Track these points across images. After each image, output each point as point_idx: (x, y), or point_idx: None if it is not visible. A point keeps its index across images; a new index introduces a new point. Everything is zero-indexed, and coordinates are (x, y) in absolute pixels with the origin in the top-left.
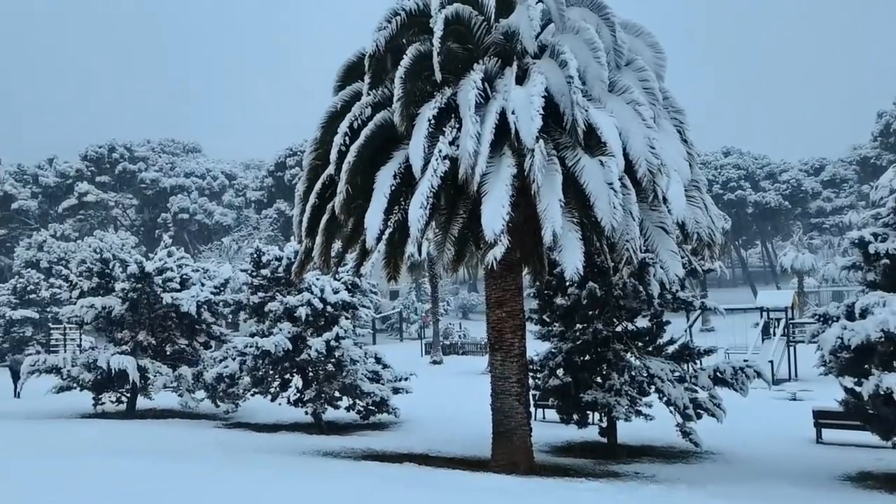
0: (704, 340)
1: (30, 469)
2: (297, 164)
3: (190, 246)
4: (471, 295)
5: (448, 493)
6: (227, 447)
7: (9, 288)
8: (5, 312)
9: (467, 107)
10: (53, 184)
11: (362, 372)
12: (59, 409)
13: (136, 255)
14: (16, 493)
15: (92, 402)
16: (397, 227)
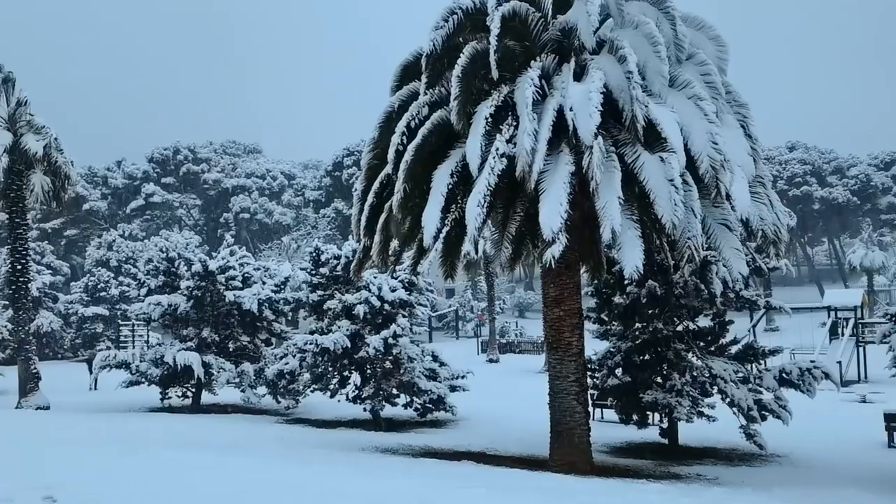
0: (769, 340)
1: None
2: (355, 163)
3: (251, 245)
4: (527, 293)
5: (507, 492)
6: (287, 442)
7: (81, 286)
8: (78, 310)
9: (524, 104)
10: (122, 185)
11: (419, 370)
12: (128, 402)
13: (200, 254)
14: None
15: (159, 397)
16: (454, 226)
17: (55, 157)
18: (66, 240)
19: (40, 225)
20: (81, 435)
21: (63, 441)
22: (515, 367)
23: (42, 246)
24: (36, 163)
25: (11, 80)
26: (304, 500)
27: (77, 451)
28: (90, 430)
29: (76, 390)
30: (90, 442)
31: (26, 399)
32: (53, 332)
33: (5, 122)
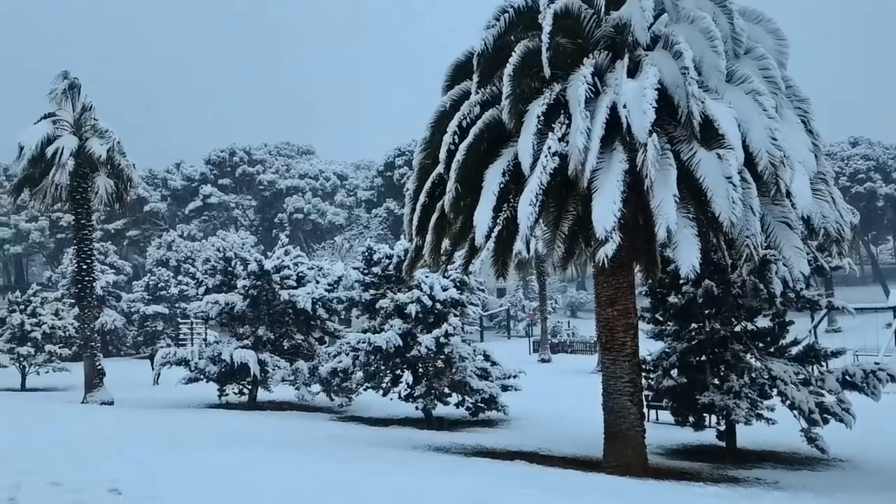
0: (831, 342)
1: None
2: (406, 163)
3: (304, 245)
4: (579, 293)
5: (561, 493)
6: (341, 440)
7: (142, 285)
8: (139, 308)
9: (577, 102)
10: (180, 187)
11: (471, 369)
12: (188, 398)
13: (256, 253)
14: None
15: (217, 394)
16: (506, 225)
17: (118, 160)
18: (129, 240)
19: (104, 226)
20: (144, 430)
21: (127, 435)
22: (568, 367)
23: (106, 246)
24: (100, 166)
25: (77, 87)
26: (359, 499)
27: (140, 446)
28: (152, 426)
29: (138, 386)
30: (152, 437)
31: (91, 394)
32: (117, 329)
33: (71, 127)
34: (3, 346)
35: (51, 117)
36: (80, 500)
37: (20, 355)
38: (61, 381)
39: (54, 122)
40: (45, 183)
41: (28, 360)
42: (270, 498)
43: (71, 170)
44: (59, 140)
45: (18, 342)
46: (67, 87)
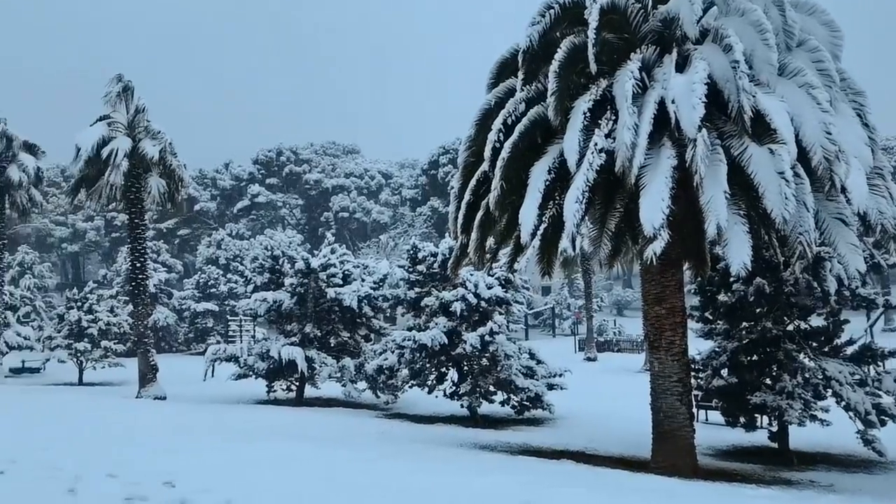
0: (888, 341)
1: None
2: (450, 162)
3: (350, 243)
4: (625, 291)
5: (609, 492)
6: (387, 436)
7: (193, 283)
8: (190, 305)
9: (624, 98)
10: (229, 186)
11: (516, 367)
12: (237, 394)
13: (303, 252)
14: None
15: (265, 389)
16: (551, 223)
17: (170, 161)
18: (179, 239)
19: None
20: (196, 424)
21: (180, 429)
22: (614, 365)
23: (158, 245)
24: (152, 166)
25: (130, 89)
26: (407, 496)
27: (193, 440)
28: (204, 420)
29: (189, 381)
30: (205, 431)
31: (145, 389)
32: (168, 326)
33: (125, 129)
34: (61, 341)
35: (105, 119)
36: (137, 493)
37: (77, 351)
38: (116, 376)
39: (109, 124)
40: (100, 183)
41: (85, 356)
42: (321, 492)
43: (125, 170)
44: (114, 141)
45: (76, 338)
46: (121, 89)
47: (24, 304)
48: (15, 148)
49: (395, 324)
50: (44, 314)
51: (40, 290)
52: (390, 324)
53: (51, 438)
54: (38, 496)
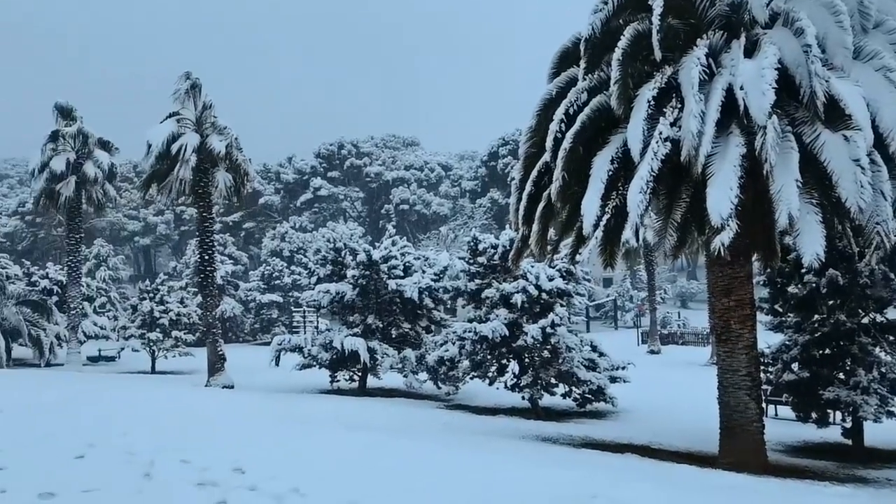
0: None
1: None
2: (510, 153)
3: (410, 235)
4: (690, 283)
5: (676, 488)
6: (450, 427)
7: (258, 275)
8: (256, 297)
9: (690, 85)
10: (292, 180)
11: (578, 359)
12: (302, 383)
13: (364, 244)
14: (271, 459)
15: (329, 379)
16: (614, 214)
17: (236, 156)
18: (245, 232)
19: (223, 218)
20: (264, 413)
21: (248, 418)
22: (678, 359)
23: (225, 238)
24: (219, 161)
25: (198, 86)
26: (472, 487)
27: (261, 428)
28: (271, 409)
29: (256, 371)
30: (271, 419)
31: (214, 378)
32: (235, 317)
33: (193, 125)
34: (135, 331)
35: (175, 116)
36: (208, 478)
37: (150, 340)
38: (186, 365)
39: (178, 121)
40: (170, 178)
41: (157, 345)
42: (386, 481)
43: (193, 165)
44: (183, 137)
45: (148, 328)
46: (190, 86)
47: (99, 295)
48: (90, 145)
49: (455, 315)
50: (118, 305)
51: (115, 282)
52: (451, 315)
53: (127, 424)
54: (116, 479)
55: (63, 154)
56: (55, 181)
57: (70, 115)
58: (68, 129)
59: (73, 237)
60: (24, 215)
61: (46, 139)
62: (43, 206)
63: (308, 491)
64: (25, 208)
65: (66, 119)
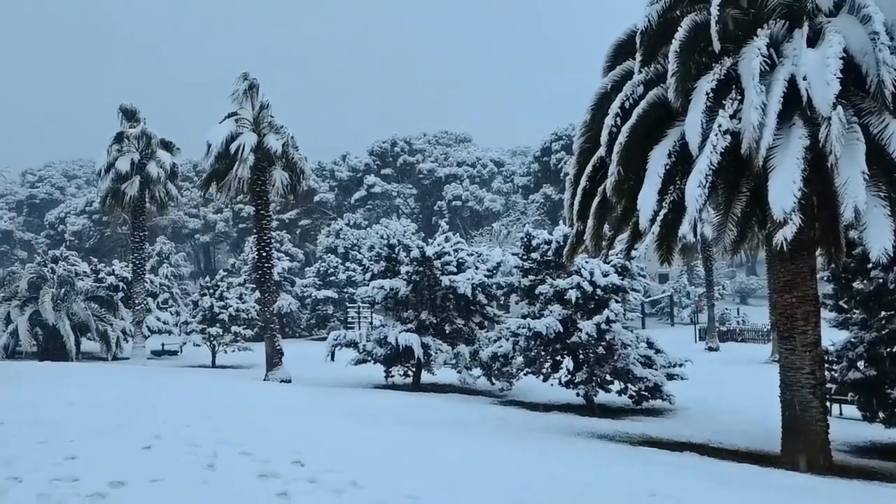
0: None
1: (341, 431)
2: (563, 148)
3: (462, 231)
4: (749, 278)
5: (738, 487)
6: (505, 423)
7: (313, 271)
8: (311, 293)
9: (750, 76)
10: (346, 177)
11: (634, 356)
12: (357, 378)
13: (417, 240)
14: (329, 452)
15: (383, 375)
16: (671, 208)
17: (292, 154)
18: (301, 229)
19: (279, 216)
20: (321, 406)
21: (306, 412)
22: (737, 356)
23: (281, 235)
24: (276, 160)
25: (256, 86)
26: (529, 482)
27: (318, 422)
28: (327, 403)
29: (312, 365)
30: (329, 413)
31: (272, 372)
32: (292, 312)
33: (251, 124)
34: (196, 326)
35: (233, 116)
36: (268, 470)
37: (210, 335)
38: (245, 359)
39: (236, 121)
40: (229, 177)
41: (217, 340)
42: (444, 476)
43: (251, 164)
44: (241, 137)
45: (209, 323)
46: (247, 87)
47: (162, 291)
48: (153, 145)
49: (508, 311)
50: (180, 301)
51: (176, 278)
52: (504, 311)
53: (190, 417)
54: (181, 470)
55: (127, 155)
56: (120, 181)
57: (134, 116)
58: (132, 131)
59: (138, 235)
60: (92, 214)
61: (112, 140)
62: (109, 205)
63: (366, 484)
64: (93, 207)
65: (130, 121)
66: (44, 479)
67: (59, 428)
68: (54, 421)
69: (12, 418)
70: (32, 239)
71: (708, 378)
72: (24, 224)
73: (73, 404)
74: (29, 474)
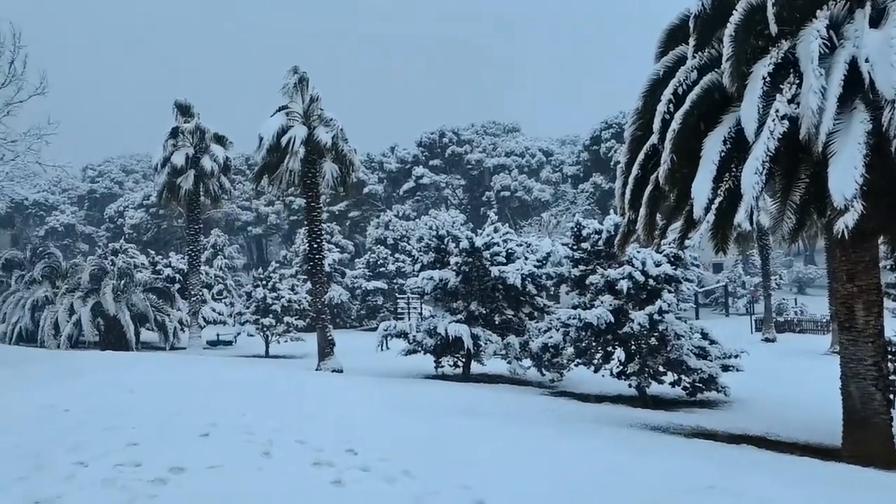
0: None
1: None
2: (613, 136)
3: (511, 221)
4: (808, 267)
5: (798, 481)
6: (557, 414)
7: (363, 262)
8: (361, 284)
9: (809, 59)
10: (395, 169)
11: (688, 347)
12: (407, 368)
13: (466, 231)
14: (384, 442)
15: (433, 365)
16: (727, 196)
17: (341, 147)
18: (350, 221)
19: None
20: (373, 396)
21: (358, 401)
22: (795, 347)
23: (331, 226)
24: (326, 152)
25: (305, 80)
26: (584, 473)
27: (371, 411)
28: (379, 392)
29: (362, 355)
30: (381, 403)
31: (324, 362)
32: (342, 303)
33: (301, 118)
34: (249, 317)
35: (284, 109)
36: (323, 458)
37: (263, 325)
38: (298, 349)
39: (287, 114)
40: (280, 170)
41: (270, 330)
42: (498, 466)
43: (302, 157)
44: (292, 130)
45: (262, 314)
46: (297, 81)
47: (217, 283)
48: (207, 140)
49: (558, 302)
50: (234, 292)
51: (230, 270)
52: (554, 302)
53: (245, 405)
54: (238, 457)
55: (182, 149)
56: (176, 175)
57: (188, 111)
58: (187, 126)
59: (193, 228)
60: (149, 208)
61: (167, 135)
62: (165, 198)
63: (418, 473)
64: (149, 201)
65: (184, 116)
66: (108, 465)
67: (120, 415)
68: (116, 408)
69: (78, 405)
70: (93, 232)
71: (765, 370)
72: (85, 218)
73: (134, 392)
74: (94, 460)
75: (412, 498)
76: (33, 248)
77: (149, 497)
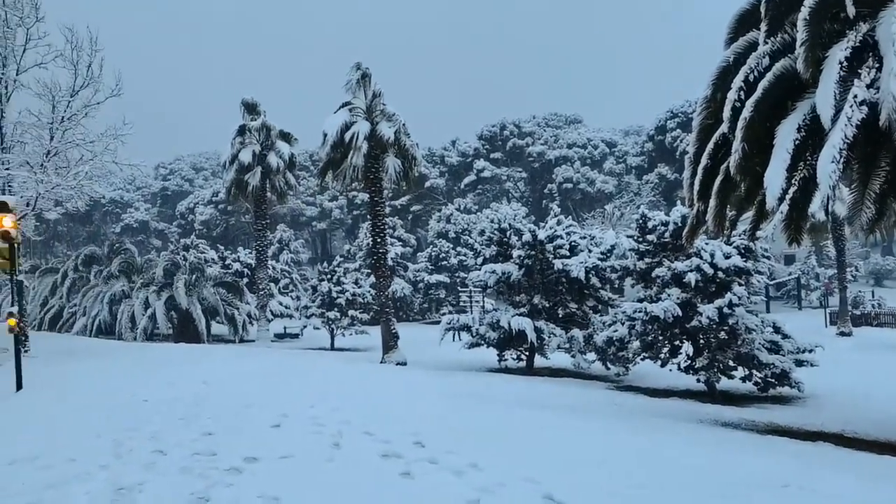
0: None
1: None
2: (679, 126)
3: (574, 214)
4: (885, 259)
5: (881, 480)
6: (624, 408)
7: (425, 256)
8: (423, 277)
9: (890, 42)
10: (456, 163)
11: (759, 341)
12: (470, 361)
13: (529, 224)
14: (448, 435)
15: (497, 358)
16: (801, 186)
17: (404, 141)
18: (412, 215)
19: (391, 202)
20: (438, 388)
21: (424, 393)
22: (873, 341)
23: (394, 221)
24: (388, 147)
25: (368, 76)
26: (657, 469)
27: (437, 403)
28: (444, 385)
29: (426, 348)
30: (446, 395)
31: (388, 355)
32: (405, 296)
33: (364, 113)
34: (315, 310)
35: (347, 105)
36: (390, 450)
37: (329, 319)
38: (362, 342)
39: (350, 110)
40: (344, 165)
41: (335, 323)
42: (568, 460)
43: (365, 152)
44: (355, 126)
45: (327, 307)
46: (360, 76)
47: (283, 277)
48: (273, 137)
49: (622, 295)
50: (299, 286)
51: (296, 264)
52: (618, 295)
53: (314, 397)
54: (308, 448)
55: (249, 147)
56: (243, 172)
57: (255, 109)
58: (253, 123)
59: (260, 223)
60: (217, 204)
61: (235, 133)
62: (233, 195)
63: (485, 466)
64: (218, 198)
65: (251, 114)
66: (186, 454)
67: (195, 405)
68: (191, 399)
69: (155, 396)
70: (166, 228)
71: (840, 365)
72: (158, 214)
73: (207, 383)
74: (172, 449)
75: (480, 490)
76: (110, 244)
77: (225, 486)
